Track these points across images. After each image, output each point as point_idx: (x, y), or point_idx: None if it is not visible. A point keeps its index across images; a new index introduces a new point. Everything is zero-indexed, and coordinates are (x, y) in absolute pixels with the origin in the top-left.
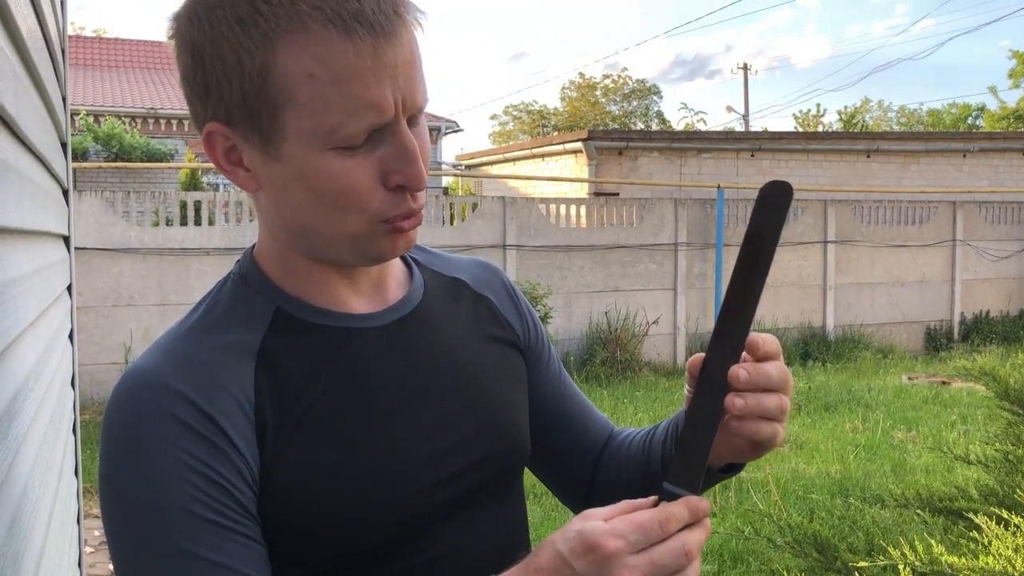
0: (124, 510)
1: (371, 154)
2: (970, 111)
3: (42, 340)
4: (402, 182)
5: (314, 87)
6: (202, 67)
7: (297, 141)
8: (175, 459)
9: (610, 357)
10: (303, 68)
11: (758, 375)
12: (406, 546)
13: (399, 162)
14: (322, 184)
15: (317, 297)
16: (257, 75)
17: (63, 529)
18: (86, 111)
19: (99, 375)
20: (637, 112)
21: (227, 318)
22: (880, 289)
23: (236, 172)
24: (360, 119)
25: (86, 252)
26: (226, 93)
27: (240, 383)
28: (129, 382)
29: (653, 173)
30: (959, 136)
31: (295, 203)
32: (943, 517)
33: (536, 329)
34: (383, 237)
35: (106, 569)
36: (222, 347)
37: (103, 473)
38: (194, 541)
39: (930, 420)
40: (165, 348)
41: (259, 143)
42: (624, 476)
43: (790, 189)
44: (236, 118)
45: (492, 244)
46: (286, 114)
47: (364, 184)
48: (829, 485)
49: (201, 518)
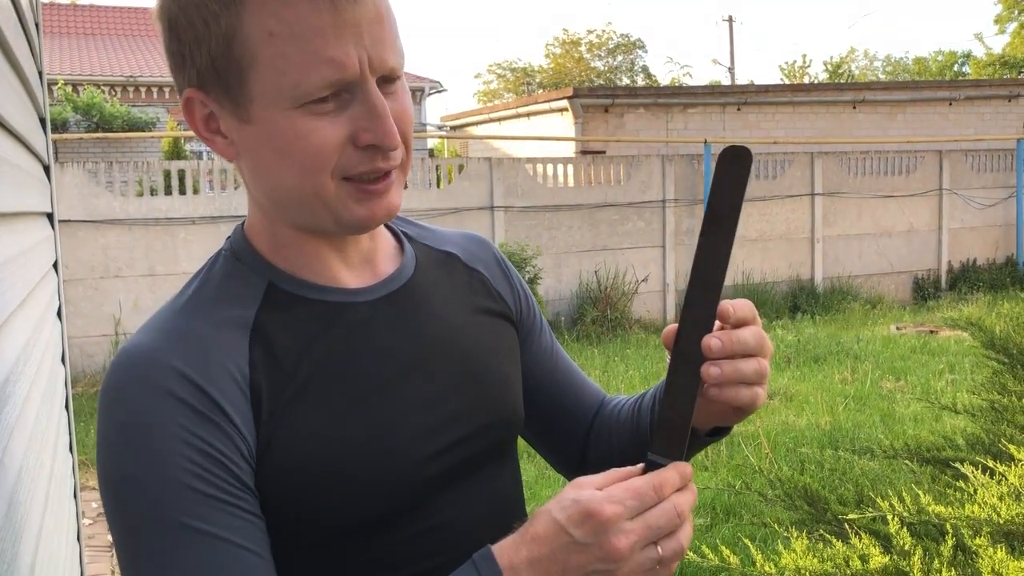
0: (123, 487)
1: (340, 114)
2: (956, 58)
3: (30, 321)
4: (372, 140)
5: (274, 45)
6: (177, 36)
7: (263, 102)
8: (172, 435)
9: (600, 316)
10: (264, 27)
11: (732, 343)
12: (403, 517)
13: (368, 120)
14: (289, 144)
15: (308, 272)
16: (223, 38)
17: (60, 506)
18: (64, 80)
19: (89, 348)
20: (622, 67)
21: (220, 294)
22: (868, 240)
23: (215, 140)
24: (319, 74)
25: (71, 224)
26: (198, 59)
27: (235, 358)
28: (124, 360)
29: (639, 130)
30: (945, 84)
31: (267, 166)
32: (931, 467)
33: (528, 301)
34: (353, 202)
35: (105, 540)
36: (216, 323)
37: (101, 450)
38: (193, 515)
39: (918, 369)
40: (159, 325)
41: (231, 107)
42: (615, 444)
43: (749, 154)
44: (208, 83)
45: (479, 206)
46: (251, 75)
47: (331, 143)
48: (819, 437)
49: (200, 492)
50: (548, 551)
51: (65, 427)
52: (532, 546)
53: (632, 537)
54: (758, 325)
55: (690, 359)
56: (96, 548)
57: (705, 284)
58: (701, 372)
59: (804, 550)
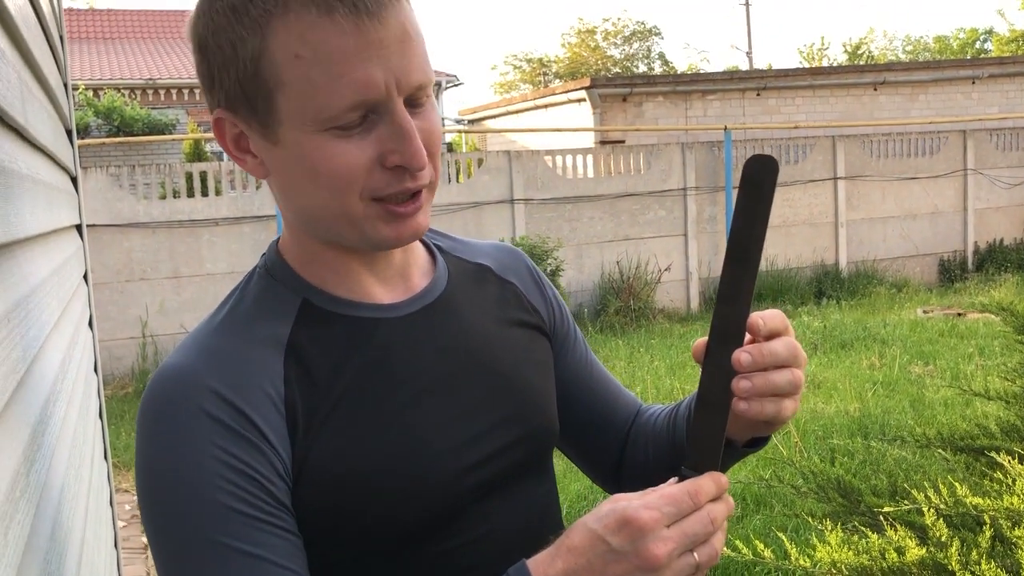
0: (161, 507)
1: (368, 135)
2: (978, 35)
3: (65, 337)
4: (400, 161)
5: (300, 68)
6: (206, 58)
7: (291, 124)
8: (209, 455)
9: (624, 306)
10: (289, 50)
11: (763, 356)
12: (438, 532)
13: (395, 141)
14: (317, 165)
15: (341, 287)
16: (250, 61)
17: (99, 516)
18: (84, 85)
19: (117, 351)
20: (639, 55)
21: (255, 312)
22: (892, 223)
23: (245, 159)
24: (345, 97)
25: (96, 229)
26: (226, 82)
27: (270, 377)
28: (162, 379)
29: (659, 118)
30: (968, 63)
31: (296, 186)
32: (964, 455)
33: (561, 312)
34: (381, 222)
35: (140, 542)
36: (251, 341)
37: (140, 470)
38: (230, 534)
39: (947, 353)
40: (195, 344)
41: (260, 128)
42: (651, 454)
43: (775, 165)
44: (237, 105)
45: (499, 199)
46: (278, 97)
47: (359, 164)
48: (848, 424)
49: (236, 512)
50: (585, 561)
51: (100, 436)
52: (568, 557)
53: (670, 545)
54: (790, 335)
55: (721, 373)
56: (131, 551)
57: (734, 298)
58: (732, 386)
59: (839, 543)
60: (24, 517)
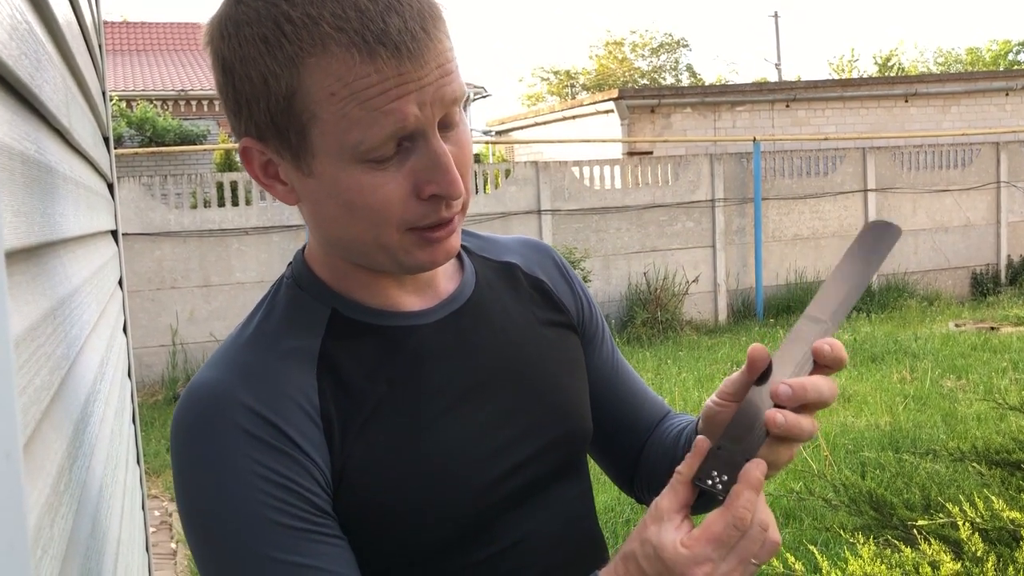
0: (205, 527)
1: (402, 166)
2: (1011, 47)
3: (103, 340)
4: (436, 191)
5: (335, 104)
6: (232, 84)
7: (326, 157)
8: (247, 471)
9: (651, 318)
10: (324, 87)
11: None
12: (475, 539)
13: (431, 172)
14: (353, 199)
15: (369, 298)
16: (283, 98)
17: (132, 519)
18: (118, 96)
19: (147, 358)
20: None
21: (284, 324)
22: (923, 236)
23: (274, 186)
24: (382, 130)
25: (128, 237)
26: (255, 112)
27: (303, 389)
28: (194, 396)
29: (687, 129)
30: (1001, 74)
31: (330, 217)
32: (1000, 469)
33: (589, 307)
34: (416, 248)
35: (168, 548)
36: (281, 354)
37: (180, 490)
38: (279, 548)
39: (980, 367)
40: (225, 360)
41: (291, 159)
42: (657, 470)
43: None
44: (267, 136)
45: (527, 210)
46: (312, 131)
47: (396, 197)
48: (879, 438)
49: (282, 525)
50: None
51: (133, 440)
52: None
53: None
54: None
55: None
56: (160, 556)
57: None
58: (766, 419)
59: (871, 556)
60: (68, 511)
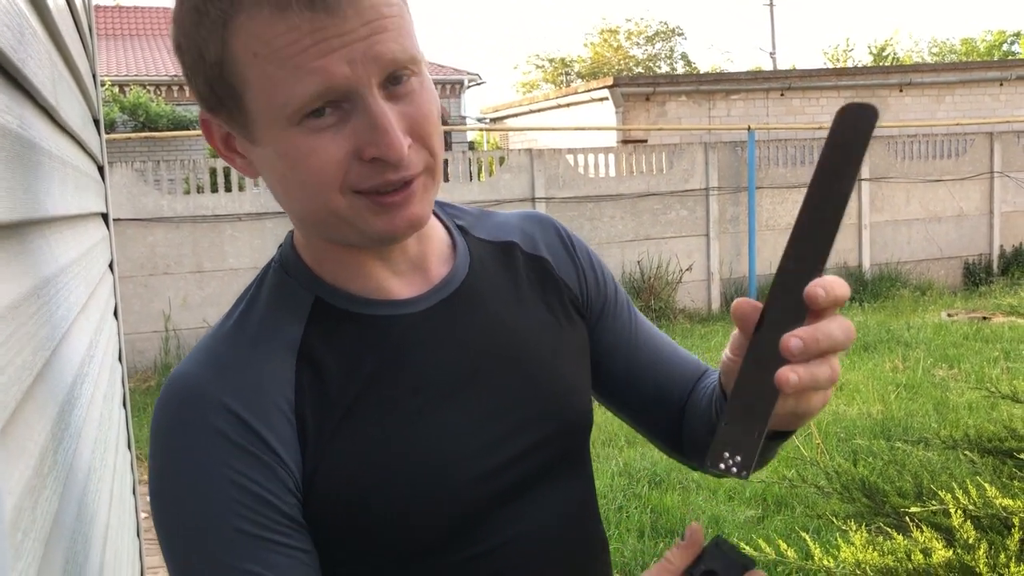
0: (173, 526)
1: (343, 128)
2: (1005, 37)
3: (92, 322)
4: (376, 154)
5: (259, 66)
6: (182, 61)
7: (263, 122)
8: (221, 475)
9: (644, 306)
10: (248, 49)
11: (818, 341)
12: (458, 540)
13: (370, 133)
14: (293, 164)
15: (355, 284)
16: (215, 64)
17: (122, 504)
18: (111, 81)
19: (140, 344)
20: (661, 55)
21: (267, 312)
22: (916, 225)
23: (235, 159)
24: (304, 87)
25: (120, 223)
26: (199, 85)
27: (281, 385)
28: (174, 391)
29: (681, 117)
30: (995, 64)
31: (279, 185)
32: (992, 457)
33: (595, 278)
34: (370, 215)
35: None
36: (263, 349)
37: (153, 485)
38: (242, 556)
39: (971, 357)
40: (207, 351)
41: (239, 129)
42: (700, 433)
43: (874, 116)
44: (214, 107)
45: (521, 198)
46: (246, 97)
47: (333, 159)
48: (871, 426)
49: (247, 534)
50: None
51: (124, 425)
52: None
53: None
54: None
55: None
56: (152, 541)
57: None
58: (777, 380)
59: (863, 543)
60: (52, 494)
